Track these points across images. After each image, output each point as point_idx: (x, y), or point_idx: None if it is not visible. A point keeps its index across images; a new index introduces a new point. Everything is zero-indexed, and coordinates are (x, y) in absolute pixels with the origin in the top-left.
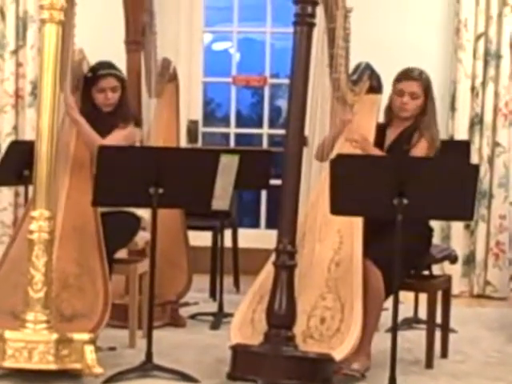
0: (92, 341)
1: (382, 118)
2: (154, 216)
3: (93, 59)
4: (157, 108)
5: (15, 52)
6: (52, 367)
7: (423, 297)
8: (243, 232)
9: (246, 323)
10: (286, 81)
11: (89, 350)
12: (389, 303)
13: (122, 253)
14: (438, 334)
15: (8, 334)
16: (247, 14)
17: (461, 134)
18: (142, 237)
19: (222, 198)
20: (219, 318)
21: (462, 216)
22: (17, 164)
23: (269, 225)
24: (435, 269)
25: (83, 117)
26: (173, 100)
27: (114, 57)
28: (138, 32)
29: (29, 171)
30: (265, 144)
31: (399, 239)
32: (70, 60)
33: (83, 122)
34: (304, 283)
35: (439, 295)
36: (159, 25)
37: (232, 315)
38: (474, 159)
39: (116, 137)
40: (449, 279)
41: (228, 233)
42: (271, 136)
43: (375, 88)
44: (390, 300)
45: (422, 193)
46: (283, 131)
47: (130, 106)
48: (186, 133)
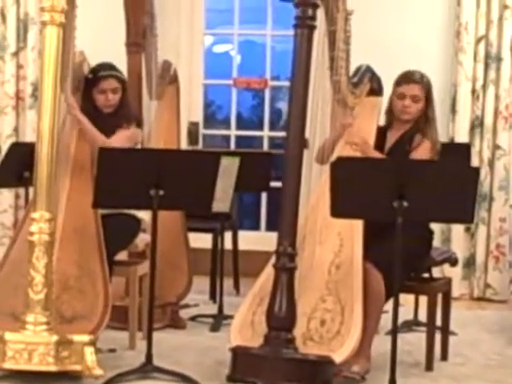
0: (92, 342)
1: (383, 121)
2: (155, 218)
3: (93, 61)
4: (157, 110)
5: (16, 54)
6: (52, 369)
7: (423, 299)
8: (243, 234)
9: (246, 325)
10: (287, 83)
11: (89, 352)
12: (389, 306)
13: (123, 255)
14: (438, 337)
15: (8, 336)
16: (248, 17)
17: (461, 137)
18: (143, 239)
19: (223, 200)
20: (219, 320)
21: (463, 219)
22: (17, 166)
23: (269, 227)
24: (435, 271)
25: None
26: (173, 102)
27: (115, 59)
28: (139, 34)
29: (29, 173)
30: (265, 146)
31: (399, 242)
32: (71, 62)
33: (87, 121)
34: (304, 285)
35: (439, 298)
36: (160, 27)
37: (232, 317)
38: (475, 162)
39: (120, 137)
40: (449, 282)
41: (228, 235)
42: (272, 138)
43: (376, 90)
44: (390, 302)
45: (423, 195)
46: (284, 133)
47: (131, 107)
48: (187, 135)
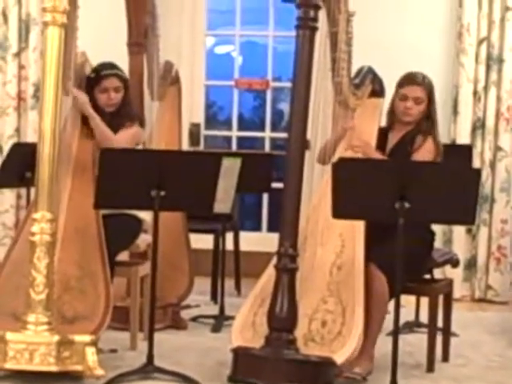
0: (93, 343)
1: (384, 122)
2: (156, 219)
3: (95, 62)
4: (159, 111)
5: (18, 54)
6: (53, 369)
7: (425, 300)
8: (245, 235)
9: (248, 326)
10: (289, 84)
11: (90, 352)
12: (390, 307)
13: (124, 255)
14: (440, 338)
15: (9, 336)
16: (250, 18)
17: (463, 139)
18: (144, 239)
19: (224, 201)
20: (220, 321)
21: (464, 220)
22: (19, 166)
23: (270, 228)
24: (437, 273)
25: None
26: (175, 103)
27: (117, 59)
28: (141, 34)
29: (31, 173)
30: (267, 147)
31: (401, 243)
32: (73, 63)
33: (97, 117)
34: (305, 286)
35: (441, 299)
36: (162, 27)
37: (233, 318)
38: (476, 163)
39: (126, 134)
40: (450, 283)
41: (230, 236)
42: (273, 139)
43: (377, 92)
44: (392, 303)
45: (424, 197)
46: (285, 135)
47: (133, 106)
48: (188, 136)
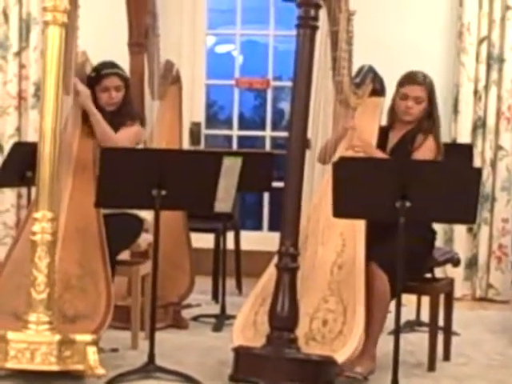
0: (94, 342)
1: (385, 121)
2: (157, 218)
3: (96, 61)
4: (160, 110)
5: (18, 54)
6: (54, 368)
7: (426, 300)
8: (246, 234)
9: (249, 325)
10: (289, 83)
11: (91, 351)
12: (391, 306)
13: (125, 254)
14: (441, 337)
15: (10, 335)
16: (250, 17)
17: (463, 138)
18: (145, 238)
19: (225, 201)
20: (221, 320)
21: (465, 219)
22: (19, 165)
23: (271, 227)
24: (438, 272)
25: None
26: (176, 102)
27: (117, 59)
28: (141, 34)
29: (31, 172)
30: (267, 146)
31: (402, 242)
32: (73, 62)
33: (98, 114)
34: (306, 286)
35: (442, 298)
36: (162, 27)
37: (234, 317)
38: (477, 163)
39: (127, 133)
40: (451, 282)
41: (230, 235)
42: (274, 138)
43: (378, 91)
44: (393, 303)
45: (425, 196)
46: (286, 134)
47: (134, 105)
48: (189, 135)
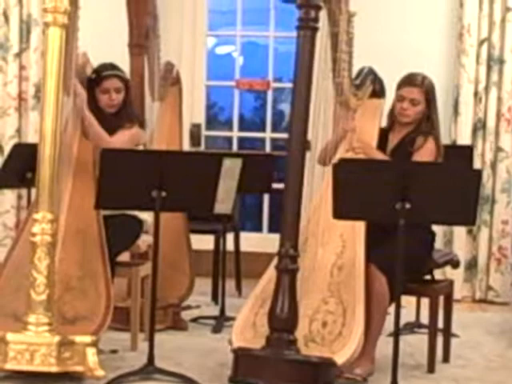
0: (94, 343)
1: (385, 123)
2: (157, 219)
3: (96, 62)
4: (160, 111)
5: (19, 55)
6: (54, 370)
7: (425, 301)
8: (245, 236)
9: (248, 327)
10: (289, 85)
11: (91, 353)
12: (391, 308)
13: (125, 256)
14: (440, 339)
15: (10, 337)
16: (251, 18)
17: (463, 139)
18: (145, 240)
19: (225, 202)
20: (221, 322)
21: (465, 221)
22: (20, 166)
23: (271, 229)
24: (437, 273)
25: None
26: (176, 103)
27: (118, 60)
28: (142, 35)
29: (32, 174)
30: (267, 148)
31: (401, 244)
32: (74, 63)
33: (92, 118)
34: (306, 287)
35: (441, 300)
36: (162, 28)
37: (234, 319)
38: (477, 164)
39: (122, 137)
40: (451, 284)
41: (230, 236)
42: (274, 140)
43: (378, 92)
44: (392, 304)
45: (425, 197)
46: (286, 135)
47: (134, 107)
48: (189, 136)
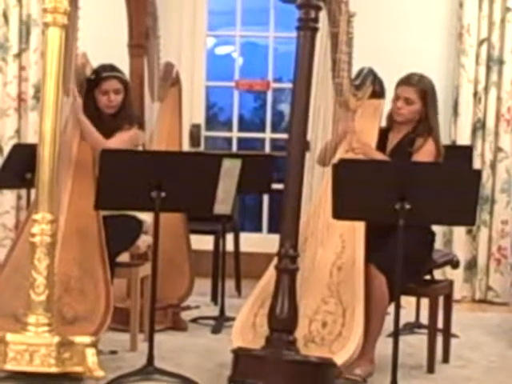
0: (93, 344)
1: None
2: (157, 220)
3: (96, 63)
4: (159, 112)
5: (18, 55)
6: (53, 370)
7: (425, 302)
8: (245, 236)
9: (248, 327)
10: (289, 85)
11: (90, 353)
12: (390, 308)
13: (124, 256)
14: (440, 339)
15: (10, 337)
16: (250, 19)
17: (463, 140)
18: (144, 240)
19: (224, 202)
20: (221, 322)
21: (464, 221)
22: (19, 167)
23: (271, 229)
24: (437, 274)
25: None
26: (175, 104)
27: (117, 60)
28: (141, 36)
29: (31, 174)
30: (267, 148)
31: (401, 244)
32: (74, 64)
33: (88, 123)
34: (306, 287)
35: (441, 300)
36: (162, 28)
37: (234, 319)
38: (477, 164)
39: (120, 138)
40: (450, 284)
41: (230, 237)
42: (274, 140)
43: (378, 93)
44: (392, 305)
45: (424, 198)
46: (286, 136)
47: (133, 109)
48: (189, 137)
